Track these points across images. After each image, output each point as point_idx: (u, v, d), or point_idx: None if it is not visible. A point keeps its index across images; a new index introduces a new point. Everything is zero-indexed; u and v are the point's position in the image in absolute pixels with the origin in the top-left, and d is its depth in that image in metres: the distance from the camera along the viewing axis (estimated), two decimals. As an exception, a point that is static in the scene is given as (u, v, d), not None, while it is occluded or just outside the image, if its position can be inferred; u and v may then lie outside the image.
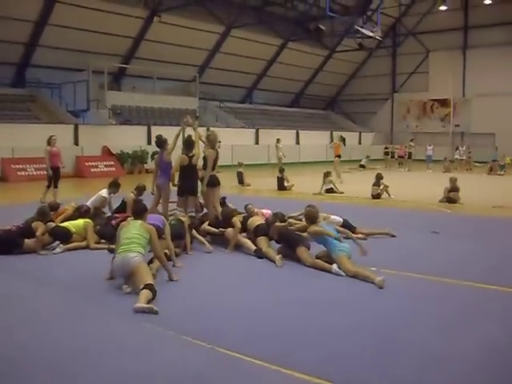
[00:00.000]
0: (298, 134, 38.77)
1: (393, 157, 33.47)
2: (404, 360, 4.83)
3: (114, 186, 11.71)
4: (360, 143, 44.19)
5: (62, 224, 9.77)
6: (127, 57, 33.01)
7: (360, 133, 45.09)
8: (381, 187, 17.12)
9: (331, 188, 18.43)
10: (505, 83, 39.24)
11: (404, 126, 45.85)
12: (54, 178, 15.37)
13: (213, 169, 10.45)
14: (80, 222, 9.63)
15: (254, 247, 8.91)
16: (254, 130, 36.12)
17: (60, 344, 5.11)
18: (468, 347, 5.12)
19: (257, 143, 35.75)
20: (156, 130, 28.92)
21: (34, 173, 23.50)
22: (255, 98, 43.57)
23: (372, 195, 17.09)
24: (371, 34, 35.16)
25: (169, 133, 23.24)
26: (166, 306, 6.21)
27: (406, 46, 45.18)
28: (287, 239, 8.63)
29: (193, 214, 10.01)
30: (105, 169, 25.51)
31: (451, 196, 16.17)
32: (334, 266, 7.71)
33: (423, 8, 42.44)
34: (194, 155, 10.30)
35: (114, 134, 27.84)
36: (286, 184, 19.46)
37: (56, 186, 15.36)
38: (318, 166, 28.86)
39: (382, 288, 6.91)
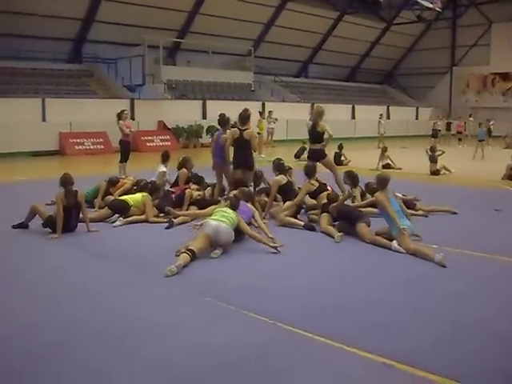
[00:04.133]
0: (353, 108, 38.18)
1: (435, 136, 29.18)
2: (469, 340, 4.69)
3: (167, 158, 11.82)
4: (417, 118, 43.23)
5: (120, 197, 9.89)
6: (182, 31, 32.99)
7: (417, 108, 44.06)
8: (438, 166, 16.70)
9: (388, 163, 18.10)
10: None
11: (463, 101, 44.60)
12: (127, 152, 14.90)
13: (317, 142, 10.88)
14: (138, 195, 9.69)
15: (302, 222, 8.97)
16: (310, 105, 35.70)
17: (121, 317, 5.13)
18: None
19: (312, 118, 35.36)
20: (211, 105, 29.14)
21: (92, 147, 23.90)
22: (310, 72, 43.06)
23: (430, 171, 16.69)
24: (430, 6, 34.09)
25: (224, 107, 23.41)
26: (226, 281, 6.20)
27: (466, 17, 43.52)
28: (347, 216, 8.47)
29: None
30: (160, 143, 25.64)
31: (514, 173, 15.68)
32: (394, 243, 7.55)
33: (486, -23, 40.82)
34: (246, 129, 10.21)
35: (170, 109, 27.95)
36: (342, 159, 19.20)
37: (126, 160, 14.74)
38: (374, 140, 28.37)
39: (444, 266, 6.72)
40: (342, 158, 19.31)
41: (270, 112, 27.44)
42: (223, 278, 6.29)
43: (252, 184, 10.30)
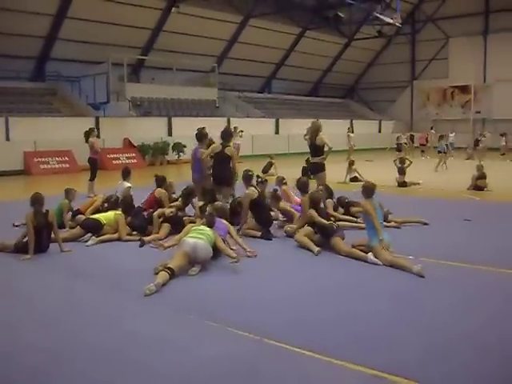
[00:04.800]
0: (317, 123, 38.47)
1: (399, 150, 28.86)
2: (458, 351, 4.73)
3: (128, 173, 11.80)
4: (380, 131, 43.83)
5: (92, 216, 9.78)
6: (146, 48, 32.87)
7: (380, 121, 44.70)
8: (406, 178, 16.97)
9: (356, 177, 18.27)
10: (527, 68, 38.73)
11: (424, 114, 45.38)
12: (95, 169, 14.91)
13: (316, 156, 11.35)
14: (111, 214, 9.60)
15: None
16: (274, 120, 35.93)
17: (103, 337, 5.07)
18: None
19: (277, 133, 35.56)
20: (176, 122, 29.10)
21: (57, 166, 23.59)
22: (274, 88, 43.32)
23: (398, 183, 16.92)
24: (391, 21, 34.58)
25: (189, 124, 23.41)
26: (208, 298, 6.17)
27: (425, 32, 44.46)
28: (322, 229, 8.52)
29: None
30: (126, 161, 25.34)
31: (478, 184, 15.98)
32: (370, 255, 7.63)
33: (443, -7, 41.84)
34: (228, 146, 10.21)
35: (135, 126, 27.80)
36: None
37: (94, 178, 14.81)
38: (339, 154, 28.59)
39: (423, 277, 6.80)
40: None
41: (235, 128, 27.49)
42: (204, 295, 6.26)
43: (228, 200, 10.26)
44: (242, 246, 7.94)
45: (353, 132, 29.69)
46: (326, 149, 11.46)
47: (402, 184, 16.85)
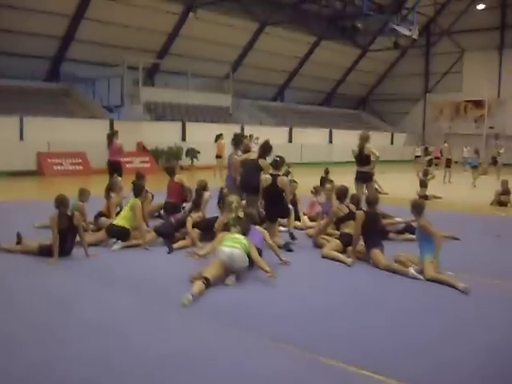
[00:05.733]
0: (331, 133, 38.31)
1: (429, 165, 29.60)
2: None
3: (142, 178, 11.35)
4: (392, 143, 43.55)
5: (117, 223, 9.33)
6: (161, 53, 32.78)
7: (392, 133, 44.44)
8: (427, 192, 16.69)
9: (375, 188, 17.97)
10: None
11: (436, 127, 45.13)
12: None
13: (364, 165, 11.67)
14: (126, 210, 9.23)
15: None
16: (288, 129, 35.69)
17: (143, 351, 4.76)
18: None
19: (290, 141, 35.33)
20: (191, 127, 28.89)
21: (70, 167, 23.39)
22: (286, 97, 43.14)
23: (419, 196, 16.59)
24: (408, 33, 34.45)
25: (203, 130, 23.00)
26: (247, 309, 5.93)
27: (440, 45, 44.41)
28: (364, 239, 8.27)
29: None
30: (140, 165, 25.10)
31: (502, 199, 15.73)
32: (411, 270, 7.36)
33: (459, 7, 41.65)
34: (263, 158, 9.96)
35: (149, 130, 27.57)
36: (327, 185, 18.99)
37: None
38: (352, 165, 28.35)
39: (467, 294, 6.54)
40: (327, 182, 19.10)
41: (250, 135, 27.30)
42: (244, 306, 5.99)
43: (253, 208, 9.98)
44: (277, 254, 7.69)
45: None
46: (373, 158, 11.55)
47: (424, 197, 16.50)
